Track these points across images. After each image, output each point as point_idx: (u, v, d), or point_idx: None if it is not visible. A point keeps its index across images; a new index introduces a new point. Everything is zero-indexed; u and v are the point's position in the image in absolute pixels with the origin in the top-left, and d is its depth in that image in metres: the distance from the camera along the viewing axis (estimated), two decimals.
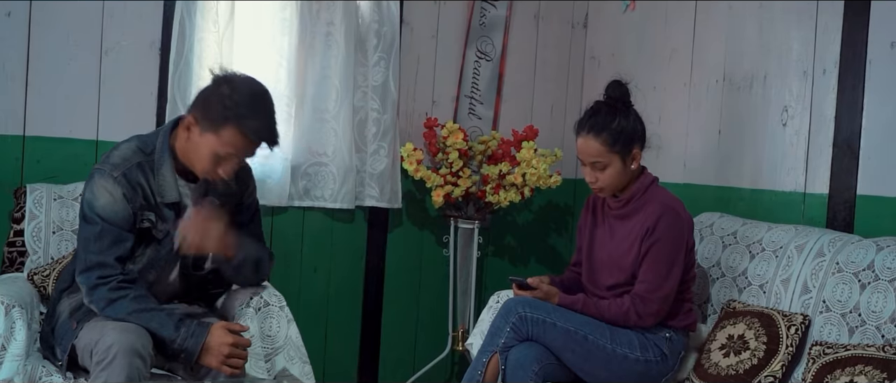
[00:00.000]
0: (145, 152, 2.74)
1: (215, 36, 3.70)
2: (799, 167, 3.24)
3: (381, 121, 3.98)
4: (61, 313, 2.76)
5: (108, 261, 2.65)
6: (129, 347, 2.51)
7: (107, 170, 2.69)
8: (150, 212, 2.72)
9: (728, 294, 3.15)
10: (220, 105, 2.65)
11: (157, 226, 2.74)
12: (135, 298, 2.64)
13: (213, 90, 2.70)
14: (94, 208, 2.66)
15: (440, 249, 4.19)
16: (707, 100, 3.67)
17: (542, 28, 4.32)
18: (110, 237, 2.66)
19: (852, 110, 3.04)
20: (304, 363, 2.97)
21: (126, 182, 2.68)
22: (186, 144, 2.72)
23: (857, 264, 2.76)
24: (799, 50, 3.26)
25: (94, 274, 2.65)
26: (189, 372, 2.73)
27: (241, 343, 2.64)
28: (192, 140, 2.70)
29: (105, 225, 2.66)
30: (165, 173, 2.73)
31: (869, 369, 2.51)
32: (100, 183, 2.68)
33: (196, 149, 2.69)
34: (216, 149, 2.66)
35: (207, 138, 2.66)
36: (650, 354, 2.95)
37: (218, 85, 2.69)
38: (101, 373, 2.51)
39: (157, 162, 2.73)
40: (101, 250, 2.65)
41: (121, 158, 2.72)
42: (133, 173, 2.70)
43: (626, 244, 3.00)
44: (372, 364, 4.16)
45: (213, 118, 2.65)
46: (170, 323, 2.61)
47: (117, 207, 2.66)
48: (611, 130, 2.95)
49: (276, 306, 2.95)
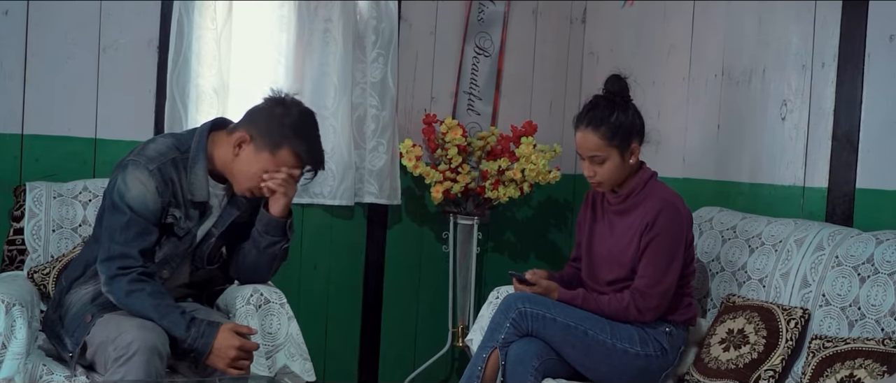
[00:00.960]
0: (180, 150, 2.77)
1: (213, 33, 3.70)
2: (798, 161, 3.24)
3: (379, 117, 3.98)
4: (73, 304, 2.76)
5: (132, 253, 2.67)
6: (150, 345, 2.53)
7: (142, 162, 2.71)
8: (177, 209, 2.75)
9: (728, 288, 3.15)
10: (278, 126, 2.72)
11: (180, 224, 2.77)
12: (151, 294, 2.65)
13: (269, 111, 2.76)
14: (124, 198, 2.68)
15: (440, 245, 4.19)
16: (706, 94, 3.67)
17: (541, 24, 4.32)
18: (137, 228, 2.68)
19: (851, 104, 3.04)
20: (304, 360, 2.97)
21: (160, 176, 2.71)
22: (234, 159, 2.76)
23: (857, 258, 2.76)
24: (798, 44, 3.26)
25: (115, 263, 2.66)
26: (194, 370, 2.74)
27: (247, 346, 2.65)
28: (242, 156, 2.75)
29: (133, 216, 2.68)
30: (198, 172, 2.77)
31: (869, 362, 2.51)
32: (134, 174, 2.70)
33: (247, 165, 2.75)
34: (269, 168, 2.74)
35: (262, 157, 2.73)
36: (650, 349, 2.95)
37: (273, 106, 2.76)
38: (120, 369, 2.52)
39: (192, 161, 2.76)
40: (127, 241, 2.67)
41: (156, 152, 2.75)
42: (167, 168, 2.73)
43: (625, 239, 3.00)
44: (372, 360, 4.16)
45: (271, 138, 2.72)
46: (182, 322, 2.62)
47: (148, 199, 2.69)
48: (609, 124, 2.95)
49: (276, 303, 2.95)
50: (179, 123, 3.66)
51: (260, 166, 2.74)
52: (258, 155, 2.73)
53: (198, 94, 3.72)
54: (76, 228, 3.34)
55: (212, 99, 3.71)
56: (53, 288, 3.12)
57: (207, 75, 3.73)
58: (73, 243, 3.30)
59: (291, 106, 2.77)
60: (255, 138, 2.73)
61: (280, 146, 2.73)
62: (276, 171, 2.76)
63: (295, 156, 2.75)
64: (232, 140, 2.76)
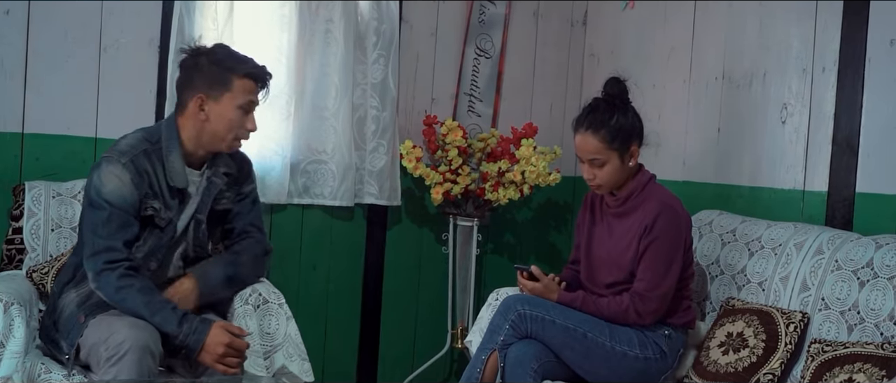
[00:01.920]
0: (151, 141, 2.82)
1: (214, 33, 3.70)
2: (798, 165, 3.24)
3: (380, 118, 3.98)
4: (66, 306, 2.78)
5: (116, 246, 2.69)
6: (142, 344, 2.53)
7: (115, 157, 2.75)
8: (155, 200, 2.78)
9: (727, 291, 3.15)
10: (216, 68, 2.80)
11: (161, 214, 2.79)
12: (141, 290, 2.67)
13: (197, 65, 2.82)
14: (101, 194, 2.71)
15: (439, 247, 4.19)
16: (706, 97, 3.67)
17: (542, 25, 4.32)
18: (118, 221, 2.71)
19: (851, 108, 3.04)
20: (303, 360, 2.97)
21: (134, 168, 2.74)
22: (205, 122, 2.81)
23: (856, 262, 2.76)
24: (798, 47, 3.26)
25: (101, 258, 2.68)
26: (188, 368, 2.74)
27: (236, 345, 2.66)
28: (211, 116, 2.81)
29: (113, 209, 2.71)
30: (174, 160, 2.81)
31: (867, 367, 2.50)
32: (108, 169, 2.73)
33: (220, 117, 2.80)
34: (237, 102, 2.79)
35: (224, 101, 2.80)
36: (649, 352, 2.95)
37: (195, 59, 2.83)
38: (111, 369, 2.52)
39: (165, 149, 2.81)
40: (110, 234, 2.70)
41: (128, 146, 2.79)
42: (140, 160, 2.77)
43: (624, 242, 3.00)
44: (371, 361, 4.16)
45: (219, 81, 2.80)
46: (173, 318, 2.64)
47: (125, 192, 2.72)
48: (609, 127, 2.95)
49: (275, 303, 2.95)
50: None
51: (230, 108, 2.80)
52: (220, 102, 2.80)
53: None
54: (75, 228, 3.33)
55: None
56: (52, 288, 3.12)
57: None
58: (71, 242, 3.30)
59: (205, 48, 2.86)
60: (207, 92, 2.79)
61: (230, 81, 2.80)
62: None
63: (248, 78, 2.82)
64: (192, 111, 2.81)
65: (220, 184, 2.92)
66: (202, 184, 2.88)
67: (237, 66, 2.82)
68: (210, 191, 2.90)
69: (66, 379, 2.70)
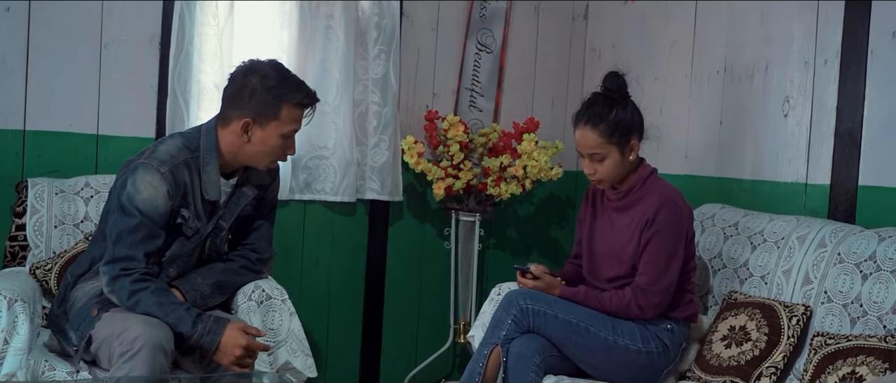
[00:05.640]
0: (190, 149, 2.78)
1: (215, 30, 3.70)
2: (800, 158, 3.24)
3: (381, 114, 3.98)
4: (79, 298, 2.77)
5: (137, 256, 2.67)
6: (155, 342, 2.53)
7: (154, 165, 2.70)
8: (186, 210, 2.76)
9: (729, 285, 3.14)
10: (267, 94, 2.74)
11: (189, 223, 2.78)
12: (155, 291, 2.65)
13: (249, 85, 2.75)
14: (134, 201, 2.68)
15: (441, 242, 4.19)
16: (708, 91, 3.66)
17: (543, 20, 4.31)
18: (145, 231, 2.68)
19: (854, 100, 3.03)
20: (306, 356, 2.98)
21: (172, 178, 2.71)
22: (246, 144, 2.78)
23: (859, 255, 2.76)
24: (800, 40, 3.26)
25: (119, 265, 2.66)
26: (198, 366, 2.74)
27: (253, 346, 2.66)
28: (253, 139, 2.77)
29: (143, 219, 2.68)
30: (210, 171, 2.78)
31: (870, 359, 2.50)
32: (145, 177, 2.69)
33: (262, 143, 2.77)
34: (282, 131, 2.76)
35: (270, 128, 2.76)
36: (652, 346, 2.95)
37: (247, 78, 2.76)
38: (125, 365, 2.51)
39: (204, 160, 2.78)
40: (133, 244, 2.67)
41: (168, 155, 2.74)
42: (179, 170, 2.73)
43: (625, 236, 3.00)
44: (374, 356, 4.16)
45: (268, 109, 2.74)
46: (188, 318, 2.62)
47: (158, 203, 2.69)
48: (608, 121, 2.94)
49: (278, 299, 2.96)
50: (181, 120, 3.66)
51: (274, 136, 2.77)
52: (266, 129, 2.76)
53: (199, 91, 3.72)
54: (78, 224, 3.34)
55: (213, 95, 3.71)
56: (55, 285, 3.12)
57: (209, 72, 3.73)
58: (74, 239, 3.31)
59: (260, 67, 2.78)
60: (255, 117, 2.75)
61: (280, 109, 2.75)
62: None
63: (297, 108, 2.79)
64: (235, 130, 2.77)
65: (251, 195, 2.91)
66: (232, 195, 2.87)
67: (288, 95, 2.76)
68: (239, 202, 2.89)
69: (70, 376, 2.70)
